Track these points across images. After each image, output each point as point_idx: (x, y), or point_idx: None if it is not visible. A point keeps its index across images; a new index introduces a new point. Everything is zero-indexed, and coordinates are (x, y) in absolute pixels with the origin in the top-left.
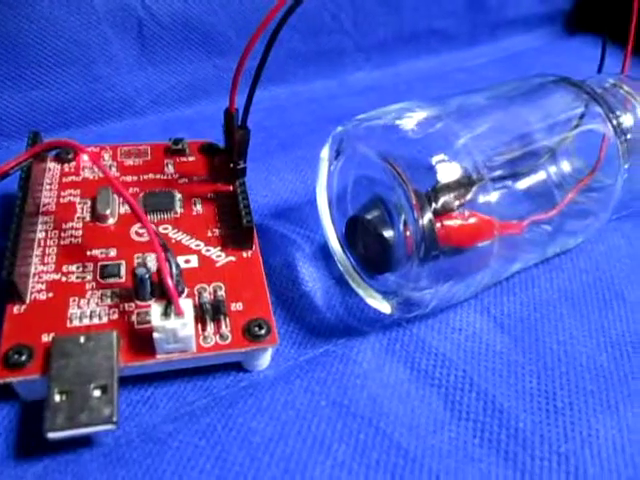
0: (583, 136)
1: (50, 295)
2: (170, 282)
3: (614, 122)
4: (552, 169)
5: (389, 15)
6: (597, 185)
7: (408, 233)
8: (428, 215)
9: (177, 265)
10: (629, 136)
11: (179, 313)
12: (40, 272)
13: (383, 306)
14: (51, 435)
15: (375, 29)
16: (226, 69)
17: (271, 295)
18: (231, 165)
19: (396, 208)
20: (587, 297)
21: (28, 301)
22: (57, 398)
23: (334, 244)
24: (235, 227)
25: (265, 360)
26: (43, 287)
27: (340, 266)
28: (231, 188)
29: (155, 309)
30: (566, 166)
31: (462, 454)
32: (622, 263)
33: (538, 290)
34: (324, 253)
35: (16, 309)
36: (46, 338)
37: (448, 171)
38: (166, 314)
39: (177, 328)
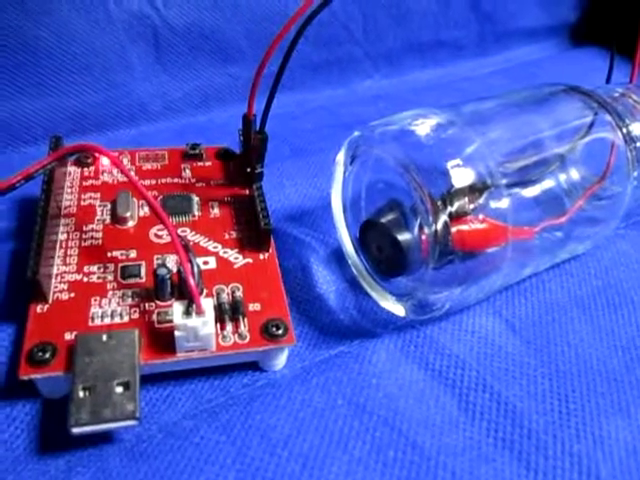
0: (594, 144)
1: (72, 295)
2: (192, 281)
3: (623, 130)
4: (562, 176)
5: (398, 25)
6: (607, 193)
7: (423, 237)
8: (443, 219)
9: (197, 265)
10: (638, 144)
11: (200, 312)
12: (62, 272)
13: (396, 308)
14: (75, 430)
15: (384, 39)
16: (238, 77)
17: (286, 297)
18: (248, 169)
19: (411, 212)
20: (597, 302)
21: (51, 301)
22: (81, 394)
23: (348, 247)
24: (252, 230)
25: (281, 360)
26: (65, 287)
27: (354, 269)
28: (247, 192)
29: (177, 308)
30: (576, 174)
31: (476, 453)
32: (630, 269)
33: (549, 294)
34: (337, 256)
35: (39, 308)
36: (69, 336)
37: (462, 176)
38: (188, 313)
39: (198, 326)
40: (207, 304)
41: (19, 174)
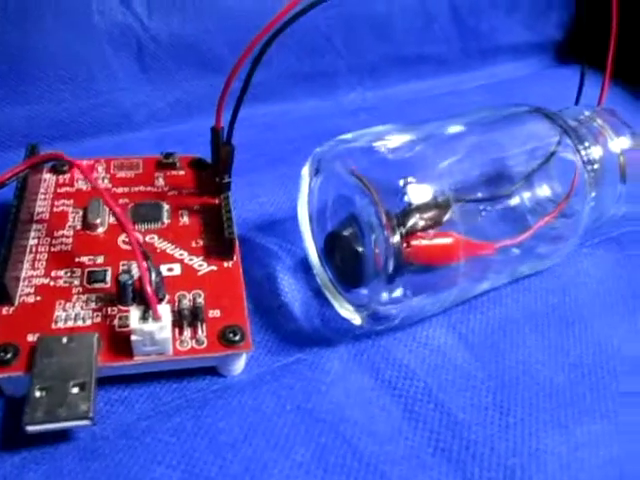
0: (559, 164)
1: (38, 298)
2: (149, 288)
3: (582, 153)
4: (526, 194)
5: (381, 39)
6: (568, 211)
7: (377, 250)
8: (397, 235)
9: (158, 272)
10: (596, 166)
11: (157, 317)
12: (30, 276)
13: (354, 318)
14: (30, 428)
15: (366, 52)
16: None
17: (250, 304)
18: (217, 179)
19: (368, 226)
20: (551, 318)
21: (17, 303)
22: (37, 394)
23: (313, 257)
24: (218, 238)
25: (239, 365)
26: (32, 290)
27: (318, 278)
28: (217, 201)
29: (134, 313)
30: (540, 192)
31: (415, 461)
32: (588, 288)
33: (504, 309)
34: (304, 266)
35: (5, 310)
36: (31, 338)
37: (419, 193)
38: (144, 318)
39: (154, 331)
40: (164, 310)
41: None
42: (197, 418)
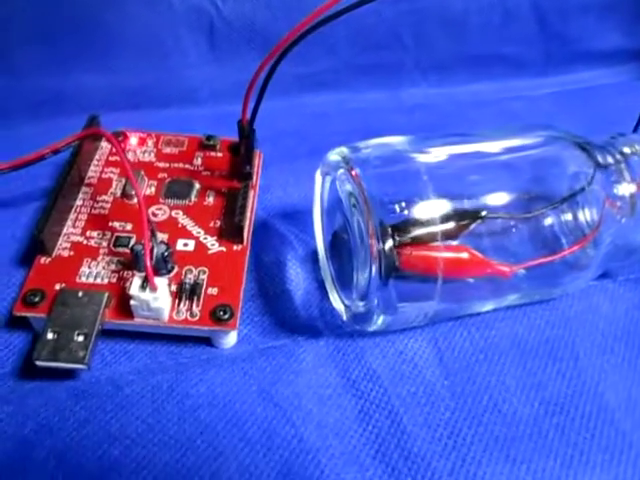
0: (591, 194)
1: (71, 253)
2: (149, 262)
3: (614, 189)
4: (555, 219)
5: (453, 36)
6: (594, 243)
7: (360, 257)
8: (381, 244)
9: (168, 247)
10: (618, 204)
11: (153, 288)
12: (70, 233)
13: (342, 314)
14: (38, 363)
15: (436, 48)
16: (282, 73)
17: (255, 287)
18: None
19: (356, 233)
20: (539, 351)
21: (54, 255)
22: (50, 336)
23: (320, 251)
24: (233, 222)
25: (229, 341)
26: (68, 246)
27: (322, 271)
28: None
29: (136, 281)
30: (569, 218)
31: (353, 459)
32: (593, 326)
33: (493, 333)
34: (314, 258)
35: (43, 260)
36: (57, 287)
37: (422, 208)
38: (143, 287)
39: (149, 300)
40: (161, 282)
41: (48, 147)
42: (174, 380)
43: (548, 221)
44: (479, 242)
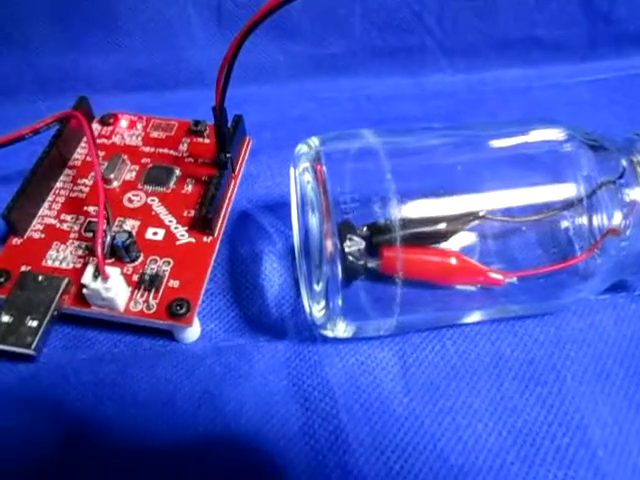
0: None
1: (42, 236)
2: (99, 251)
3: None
4: (566, 223)
5: (482, 18)
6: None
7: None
8: (354, 244)
9: (130, 235)
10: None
11: (105, 277)
12: (44, 215)
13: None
14: None
15: (463, 31)
16: (296, 54)
17: (227, 281)
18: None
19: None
20: (520, 372)
21: (26, 236)
22: (5, 318)
23: (296, 247)
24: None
25: (189, 336)
26: (41, 227)
27: (297, 269)
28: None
29: (89, 269)
30: (581, 222)
31: (287, 475)
32: (590, 345)
33: (472, 348)
34: (294, 253)
35: (15, 241)
36: (23, 269)
37: (396, 207)
38: (96, 276)
39: (100, 290)
40: (114, 272)
41: (28, 127)
42: (123, 372)
43: (553, 226)
44: (473, 246)
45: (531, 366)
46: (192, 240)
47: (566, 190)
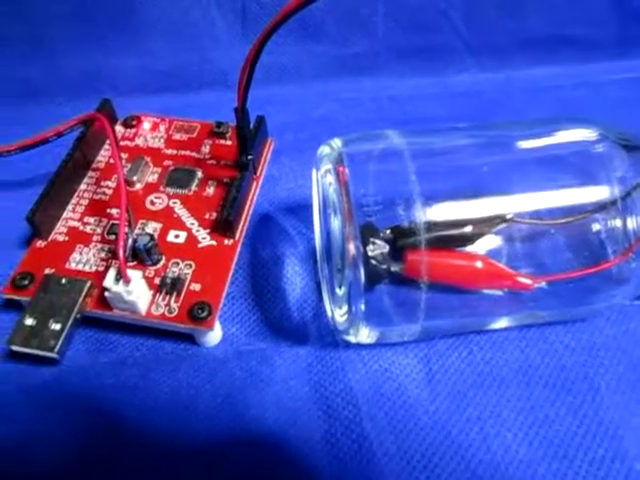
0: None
1: (66, 238)
2: (121, 254)
3: None
4: (598, 226)
5: (509, 15)
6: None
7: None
8: (376, 248)
9: (152, 238)
10: None
11: (126, 281)
12: (68, 217)
13: (331, 322)
14: (13, 347)
15: (490, 30)
16: (319, 55)
17: (249, 284)
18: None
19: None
20: (552, 380)
21: (50, 239)
22: (29, 321)
23: (318, 250)
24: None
25: (210, 339)
26: (65, 230)
27: (319, 272)
28: None
29: (111, 273)
30: (615, 225)
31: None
32: (626, 353)
33: (500, 355)
34: (316, 256)
35: (39, 244)
36: (47, 272)
37: (423, 210)
38: (117, 279)
39: (122, 293)
40: (135, 275)
41: (52, 130)
42: (145, 375)
43: (584, 229)
44: (500, 249)
45: (562, 374)
46: (213, 243)
47: (599, 192)
